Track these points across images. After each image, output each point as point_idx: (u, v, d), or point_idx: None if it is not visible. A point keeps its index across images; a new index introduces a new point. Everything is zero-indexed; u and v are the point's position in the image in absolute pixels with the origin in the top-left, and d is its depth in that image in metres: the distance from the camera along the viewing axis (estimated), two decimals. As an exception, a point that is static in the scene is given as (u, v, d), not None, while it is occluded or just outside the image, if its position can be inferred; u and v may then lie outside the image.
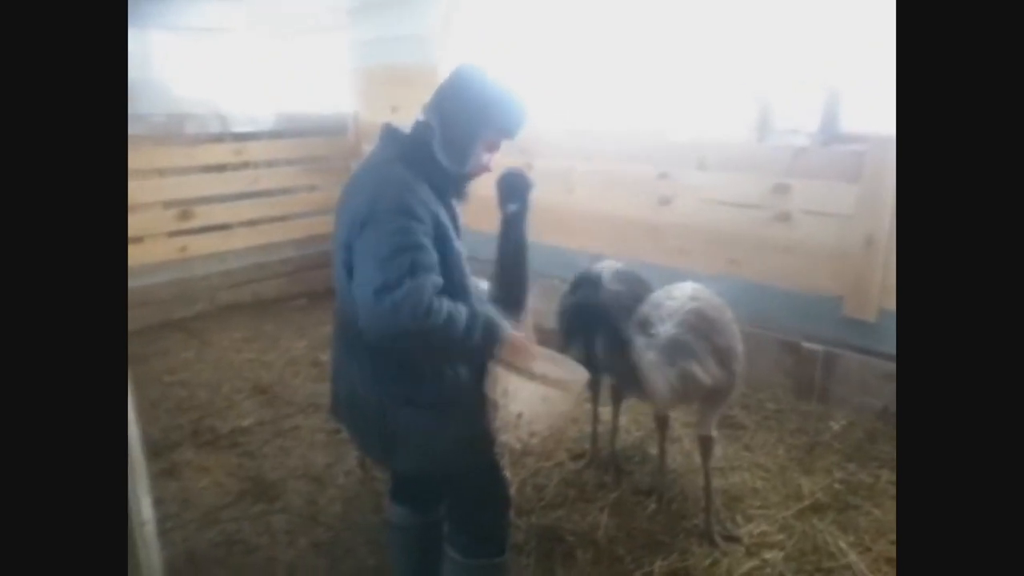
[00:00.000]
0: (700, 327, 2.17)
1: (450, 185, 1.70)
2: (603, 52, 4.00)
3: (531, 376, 1.68)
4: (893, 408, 3.05)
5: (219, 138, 4.90)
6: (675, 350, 2.10)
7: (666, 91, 3.78)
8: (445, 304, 1.52)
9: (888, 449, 2.86)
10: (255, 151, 5.08)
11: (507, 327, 1.66)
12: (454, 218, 1.73)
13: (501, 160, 1.85)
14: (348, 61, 5.55)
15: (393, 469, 1.97)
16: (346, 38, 5.57)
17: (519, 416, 1.69)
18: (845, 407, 3.19)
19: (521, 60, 4.43)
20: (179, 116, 4.73)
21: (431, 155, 1.64)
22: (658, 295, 2.39)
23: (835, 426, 3.06)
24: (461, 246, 1.70)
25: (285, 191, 5.32)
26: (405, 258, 1.49)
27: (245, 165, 5.06)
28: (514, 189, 2.19)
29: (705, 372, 2.13)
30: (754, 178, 3.37)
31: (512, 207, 2.12)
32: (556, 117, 4.23)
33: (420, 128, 1.68)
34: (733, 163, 3.46)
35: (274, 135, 5.23)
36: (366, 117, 5.42)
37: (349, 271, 1.59)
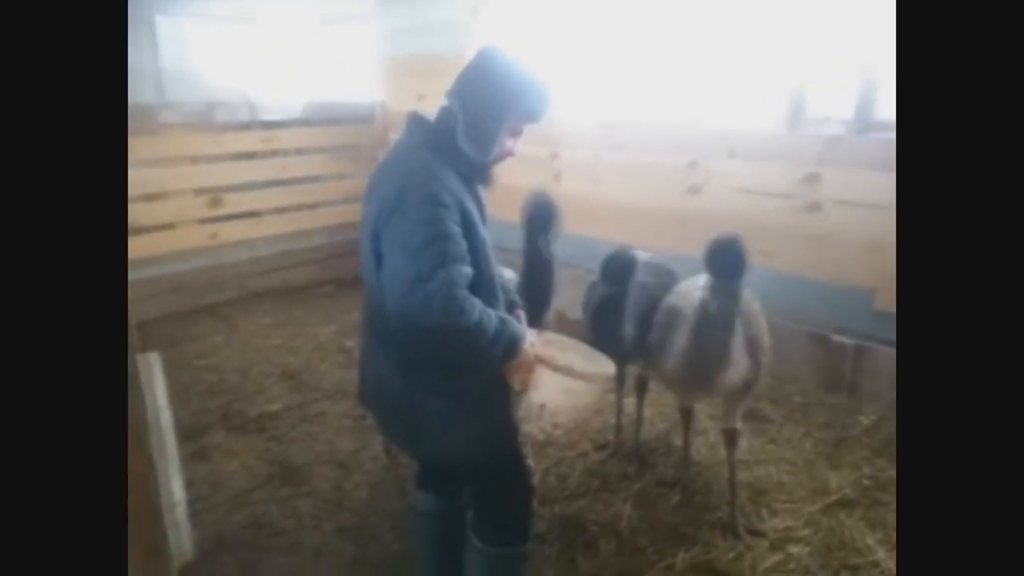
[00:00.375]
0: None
1: (475, 171, 1.69)
2: (631, 41, 3.94)
3: (555, 367, 1.67)
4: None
5: (248, 126, 4.96)
6: (702, 341, 2.07)
7: (696, 79, 3.72)
8: (478, 306, 1.51)
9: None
10: (284, 139, 5.14)
11: (525, 342, 1.65)
12: (480, 204, 1.72)
13: (529, 149, 1.84)
14: (376, 50, 5.57)
15: (418, 457, 1.98)
16: (375, 27, 5.58)
17: (542, 407, 1.69)
18: (875, 402, 3.12)
19: (550, 49, 4.40)
20: (210, 104, 4.80)
21: (455, 142, 1.63)
22: (686, 285, 2.36)
23: (864, 421, 3.01)
24: (487, 233, 1.69)
25: (314, 179, 5.38)
26: (436, 248, 1.48)
27: (274, 153, 5.12)
28: (544, 221, 2.24)
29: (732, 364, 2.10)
30: (785, 167, 3.31)
31: (542, 239, 2.18)
32: (583, 107, 4.19)
33: (443, 114, 1.67)
34: (764, 152, 3.40)
35: (303, 123, 5.27)
36: (393, 105, 5.44)
37: (377, 260, 1.60)
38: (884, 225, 3.01)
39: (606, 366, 1.81)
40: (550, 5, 4.36)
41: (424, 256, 1.47)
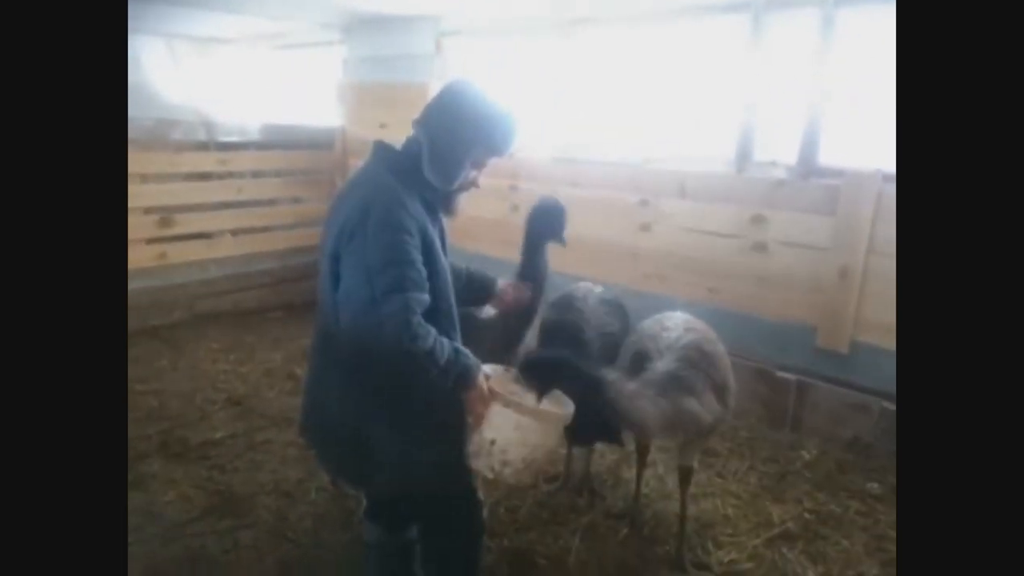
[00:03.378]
0: (700, 362, 2.11)
1: (439, 200, 1.71)
2: (588, 80, 4.07)
3: (507, 402, 1.66)
4: (863, 438, 3.10)
5: (204, 146, 4.88)
6: (675, 385, 2.02)
7: (649, 122, 3.86)
8: (432, 334, 1.51)
9: (857, 479, 2.89)
10: (241, 161, 5.08)
11: (479, 374, 1.64)
12: (442, 233, 1.74)
13: (489, 181, 1.87)
14: (339, 76, 5.58)
15: (364, 490, 1.95)
16: (339, 54, 5.61)
17: (492, 443, 1.66)
18: (816, 436, 3.22)
19: (510, 84, 4.49)
20: (166, 122, 4.72)
21: (420, 170, 1.65)
22: (651, 326, 2.31)
23: (806, 455, 3.10)
24: (446, 261, 1.70)
25: (269, 202, 5.32)
26: (394, 272, 1.49)
27: (230, 174, 5.05)
28: (556, 225, 2.34)
29: (704, 408, 2.06)
30: (733, 208, 3.44)
31: (548, 241, 2.28)
32: (541, 142, 4.28)
33: (410, 143, 1.69)
34: (712, 193, 3.53)
35: (261, 146, 5.23)
36: (354, 132, 5.45)
37: (335, 281, 1.59)
38: (825, 265, 3.15)
39: (563, 407, 1.77)
40: (511, 43, 4.48)
41: (381, 279, 1.48)
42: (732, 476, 2.94)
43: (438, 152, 1.65)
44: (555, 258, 2.23)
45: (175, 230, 4.69)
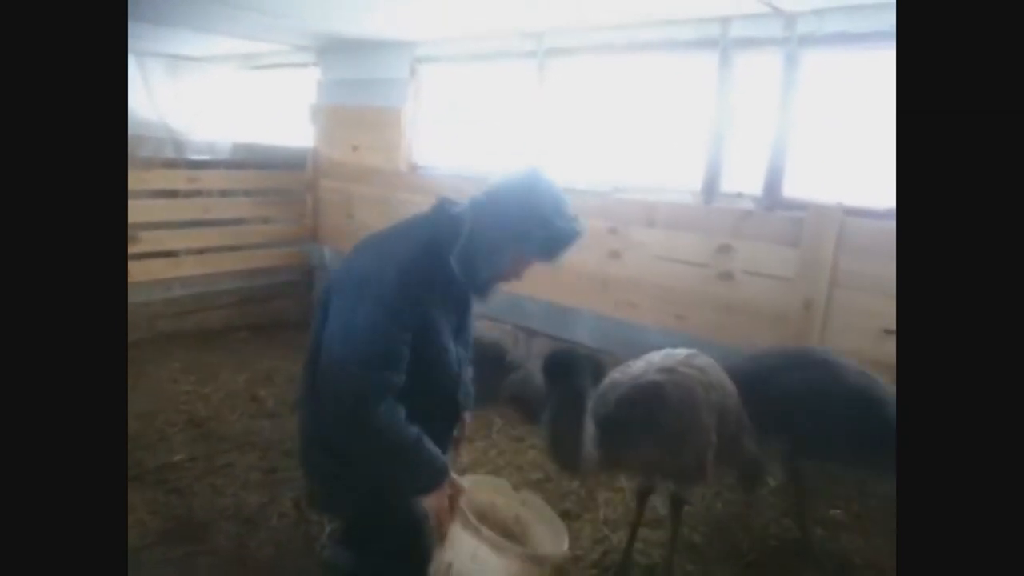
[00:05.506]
0: (641, 405, 1.99)
1: (473, 284, 1.65)
2: (560, 110, 4.14)
3: (467, 524, 1.53)
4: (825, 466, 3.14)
5: (173, 163, 4.82)
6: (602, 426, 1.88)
7: (619, 151, 3.93)
8: (395, 420, 1.48)
9: (821, 507, 2.93)
10: (209, 179, 5.02)
11: (442, 480, 1.54)
12: (461, 313, 1.68)
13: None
14: (313, 98, 5.59)
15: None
16: (313, 76, 5.62)
17: (449, 566, 1.53)
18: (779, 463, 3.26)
19: (482, 110, 4.55)
20: (135, 138, 4.65)
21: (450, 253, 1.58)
22: (635, 361, 2.21)
23: (772, 483, 3.13)
24: (453, 344, 1.64)
25: (237, 221, 5.25)
26: (372, 348, 1.47)
27: (198, 193, 4.98)
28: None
29: (633, 453, 1.98)
30: (700, 238, 3.51)
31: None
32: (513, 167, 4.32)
33: (458, 221, 1.60)
34: (680, 222, 3.60)
35: (231, 165, 5.18)
36: (326, 153, 5.44)
37: (324, 313, 1.59)
38: (790, 296, 3.23)
39: (538, 543, 1.64)
40: (485, 71, 4.54)
41: (358, 347, 1.47)
42: (699, 502, 2.95)
43: (477, 240, 1.56)
44: (528, 284, 2.21)
45: (140, 248, 4.60)
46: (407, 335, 1.52)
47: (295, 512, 2.70)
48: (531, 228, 1.54)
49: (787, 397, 2.39)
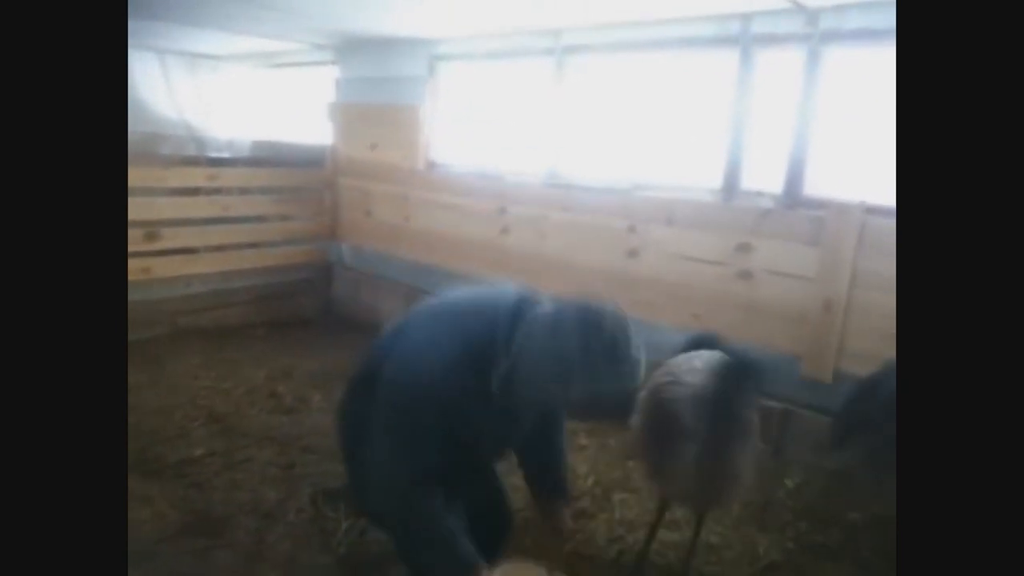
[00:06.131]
0: (647, 411, 2.06)
1: None
2: (579, 108, 4.13)
3: None
4: (844, 468, 3.10)
5: (194, 161, 4.87)
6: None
7: (638, 149, 3.91)
8: (426, 510, 1.50)
9: (838, 509, 2.89)
10: (230, 177, 5.06)
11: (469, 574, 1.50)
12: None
13: (476, 205, 1.88)
14: (331, 96, 5.62)
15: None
16: (331, 74, 5.65)
17: None
18: (799, 465, 3.23)
19: (501, 106, 4.54)
20: (155, 136, 4.70)
21: (497, 360, 1.52)
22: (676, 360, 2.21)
23: (789, 484, 3.10)
24: (488, 422, 1.62)
25: (257, 218, 5.30)
26: (406, 451, 1.53)
27: (218, 191, 5.03)
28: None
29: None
30: (719, 236, 3.48)
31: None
32: (532, 167, 4.32)
33: (508, 347, 1.52)
34: (699, 221, 3.56)
35: (250, 162, 5.22)
36: (345, 151, 5.47)
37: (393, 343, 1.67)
38: (810, 295, 3.18)
39: None
40: (504, 68, 4.54)
41: (390, 446, 1.55)
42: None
43: (520, 370, 1.47)
44: (544, 282, 2.21)
45: (161, 244, 4.66)
46: (437, 440, 1.54)
47: (312, 508, 2.72)
48: (573, 383, 1.40)
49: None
